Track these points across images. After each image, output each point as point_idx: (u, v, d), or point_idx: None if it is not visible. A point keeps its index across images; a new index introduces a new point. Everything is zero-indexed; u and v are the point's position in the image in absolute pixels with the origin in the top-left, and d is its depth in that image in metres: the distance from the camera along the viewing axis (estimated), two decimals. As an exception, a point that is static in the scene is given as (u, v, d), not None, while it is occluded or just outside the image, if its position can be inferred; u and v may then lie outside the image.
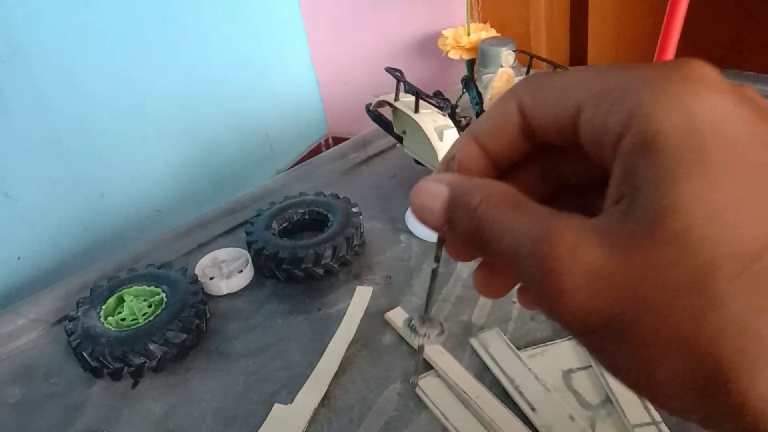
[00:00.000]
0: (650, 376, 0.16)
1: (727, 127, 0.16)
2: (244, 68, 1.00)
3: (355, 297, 0.49)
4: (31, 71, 0.66)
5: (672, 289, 0.15)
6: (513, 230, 0.18)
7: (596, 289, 0.16)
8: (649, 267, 0.15)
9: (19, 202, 0.67)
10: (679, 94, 0.16)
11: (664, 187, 0.15)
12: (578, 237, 0.16)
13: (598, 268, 0.16)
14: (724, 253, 0.15)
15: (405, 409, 0.39)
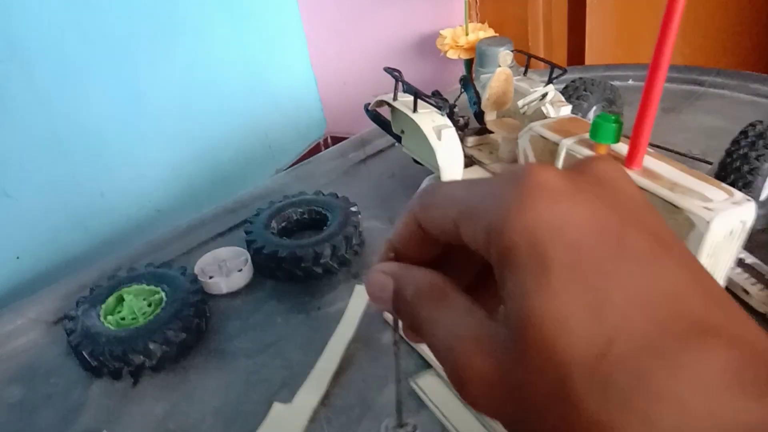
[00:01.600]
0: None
1: (565, 232, 0.17)
2: (243, 68, 1.00)
3: (354, 296, 0.49)
4: (31, 71, 0.66)
5: (541, 395, 0.16)
6: (435, 329, 0.20)
7: (491, 395, 0.18)
8: (523, 375, 0.17)
9: (19, 202, 0.67)
10: (522, 209, 0.18)
11: (519, 301, 0.17)
12: (475, 347, 0.18)
13: (489, 378, 0.18)
14: (572, 359, 0.16)
15: (405, 409, 0.40)
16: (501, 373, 0.18)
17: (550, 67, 0.56)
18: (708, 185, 0.35)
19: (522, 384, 0.17)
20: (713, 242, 0.34)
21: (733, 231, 0.34)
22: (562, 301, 0.16)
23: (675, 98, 0.78)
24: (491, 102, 0.59)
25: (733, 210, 0.33)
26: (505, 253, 0.18)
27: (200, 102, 0.91)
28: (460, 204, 0.20)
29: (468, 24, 1.00)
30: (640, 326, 0.16)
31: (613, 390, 0.16)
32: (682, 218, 0.34)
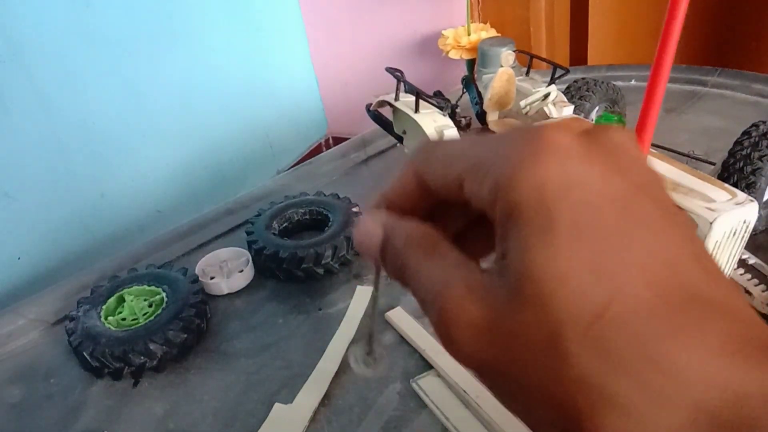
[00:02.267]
0: (527, 418, 0.18)
1: (573, 192, 0.17)
2: (244, 69, 1.00)
3: (356, 297, 0.49)
4: (31, 71, 0.66)
5: (532, 347, 0.17)
6: (424, 277, 0.20)
7: (478, 341, 0.18)
8: (515, 326, 0.17)
9: (19, 202, 0.67)
10: (532, 166, 0.18)
11: (521, 255, 0.17)
12: (467, 293, 0.19)
13: (479, 323, 0.18)
14: (568, 317, 0.16)
15: (405, 409, 0.39)
16: (492, 319, 0.18)
17: (552, 68, 0.56)
18: (711, 185, 0.35)
19: (513, 334, 0.17)
20: (715, 242, 0.34)
21: (735, 231, 0.34)
22: (565, 259, 0.17)
23: (677, 98, 0.78)
24: (493, 102, 0.59)
25: (735, 210, 0.34)
26: (512, 208, 0.18)
27: (201, 102, 0.91)
28: (467, 159, 0.20)
29: (470, 24, 1.00)
30: (640, 291, 0.16)
31: (606, 351, 0.16)
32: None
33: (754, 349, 0.16)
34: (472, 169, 0.20)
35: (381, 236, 0.23)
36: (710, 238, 0.33)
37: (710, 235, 0.33)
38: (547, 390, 0.17)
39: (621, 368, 0.16)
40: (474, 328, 0.18)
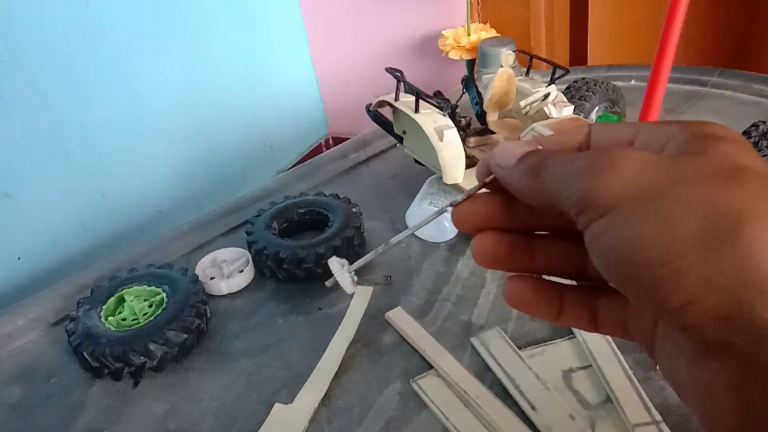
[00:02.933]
0: (669, 232, 0.19)
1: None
2: (244, 68, 1.00)
3: (355, 297, 0.49)
4: (31, 71, 0.66)
5: (706, 174, 0.19)
6: (572, 159, 0.21)
7: (642, 168, 0.20)
8: (688, 163, 0.19)
9: (19, 202, 0.67)
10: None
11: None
12: (631, 149, 0.21)
13: (646, 159, 0.20)
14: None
15: (405, 409, 0.40)
16: (660, 159, 0.20)
17: (552, 68, 0.56)
18: None
19: (684, 168, 0.19)
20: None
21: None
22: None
23: (677, 99, 0.78)
24: (493, 102, 0.59)
25: None
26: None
27: (201, 102, 0.91)
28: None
29: (470, 24, 1.00)
30: None
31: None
32: None
33: None
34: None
35: (528, 148, 0.23)
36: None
37: None
38: (712, 200, 0.18)
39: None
40: (639, 161, 0.20)
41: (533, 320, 0.46)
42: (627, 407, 0.37)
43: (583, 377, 0.40)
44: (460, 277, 0.51)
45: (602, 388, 0.39)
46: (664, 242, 0.19)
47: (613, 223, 0.20)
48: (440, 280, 0.51)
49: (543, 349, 0.43)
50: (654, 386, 0.38)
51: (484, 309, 0.47)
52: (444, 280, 0.51)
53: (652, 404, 0.37)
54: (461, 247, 0.55)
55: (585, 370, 0.40)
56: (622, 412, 0.37)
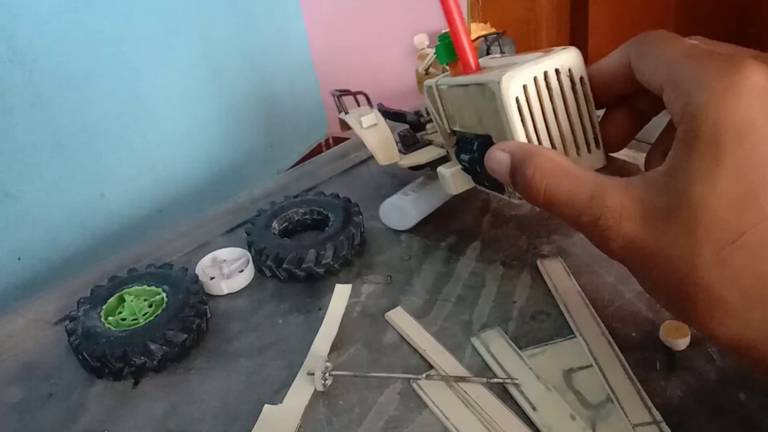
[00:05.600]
0: (652, 294, 0.25)
1: (749, 136, 0.20)
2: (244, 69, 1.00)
3: (335, 295, 0.49)
4: (31, 71, 0.66)
5: (675, 254, 0.22)
6: (566, 196, 0.25)
7: (630, 248, 0.23)
8: (666, 237, 0.22)
9: (19, 202, 0.67)
10: (719, 103, 0.20)
11: (688, 181, 0.21)
12: (622, 209, 0.23)
13: (633, 237, 0.23)
14: (706, 240, 0.21)
15: (405, 409, 0.39)
16: (645, 233, 0.23)
17: (484, 38, 0.58)
18: (536, 54, 0.33)
19: (663, 243, 0.22)
20: (521, 100, 0.30)
21: (549, 85, 0.31)
22: (720, 194, 0.20)
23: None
24: (420, 84, 0.60)
25: (531, 65, 0.30)
26: (692, 137, 0.21)
27: (201, 102, 0.91)
28: (672, 70, 0.23)
29: (470, 24, 1.00)
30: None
31: (726, 267, 0.20)
32: (488, 92, 0.32)
33: None
34: (672, 83, 0.23)
35: (508, 164, 0.27)
36: (506, 99, 0.30)
37: (503, 95, 0.30)
38: (676, 287, 0.22)
39: (734, 281, 0.20)
40: (627, 242, 0.23)
41: (534, 320, 0.46)
42: (627, 407, 0.37)
43: (583, 377, 0.40)
44: (460, 277, 0.51)
45: (603, 388, 0.39)
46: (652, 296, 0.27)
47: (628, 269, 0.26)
48: (440, 280, 0.51)
49: (543, 349, 0.43)
50: (654, 386, 0.38)
51: (484, 309, 0.47)
52: (444, 280, 0.51)
53: (652, 404, 0.37)
54: (461, 247, 0.55)
55: (585, 370, 0.40)
56: (622, 412, 0.37)
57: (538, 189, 0.26)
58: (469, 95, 0.36)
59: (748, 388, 0.37)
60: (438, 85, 0.42)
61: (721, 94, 0.20)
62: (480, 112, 0.35)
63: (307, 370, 0.43)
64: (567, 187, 0.25)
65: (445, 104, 0.43)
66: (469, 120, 0.38)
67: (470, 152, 0.39)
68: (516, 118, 0.31)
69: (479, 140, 0.37)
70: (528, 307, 0.47)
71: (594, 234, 0.24)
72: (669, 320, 0.42)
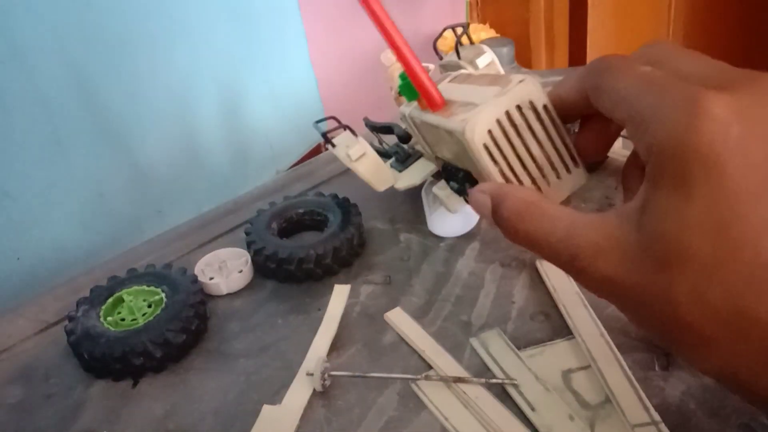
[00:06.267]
0: (640, 329, 0.27)
1: (713, 170, 0.20)
2: (244, 69, 1.00)
3: (334, 295, 0.49)
4: (31, 71, 0.66)
5: (653, 293, 0.22)
6: (543, 238, 0.25)
7: (608, 288, 0.23)
8: (641, 277, 0.22)
9: (18, 202, 0.67)
10: (682, 139, 0.20)
11: (659, 220, 0.21)
12: (596, 247, 0.23)
13: (609, 276, 0.23)
14: (682, 278, 0.21)
15: (405, 409, 0.40)
16: (621, 273, 0.22)
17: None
18: (493, 89, 0.32)
19: (638, 284, 0.22)
20: (489, 144, 0.30)
21: (513, 122, 0.30)
22: (692, 233, 0.20)
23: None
24: (397, 97, 0.60)
25: (491, 107, 0.30)
26: (657, 173, 0.21)
27: (200, 102, 0.91)
28: (631, 107, 0.23)
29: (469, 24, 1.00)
30: (745, 257, 0.20)
31: (704, 302, 0.20)
32: (456, 138, 0.32)
33: None
34: (634, 121, 0.22)
35: (490, 207, 0.28)
36: (474, 144, 0.30)
37: (472, 142, 0.30)
38: (659, 325, 0.22)
39: (714, 317, 0.20)
40: (605, 280, 0.23)
41: (533, 320, 0.46)
42: (626, 408, 0.37)
43: (582, 378, 0.40)
44: (459, 277, 0.51)
45: (602, 388, 0.39)
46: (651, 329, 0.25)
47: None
48: (440, 280, 0.51)
49: (542, 349, 0.43)
50: (653, 386, 0.38)
51: (484, 309, 0.47)
52: (444, 280, 0.51)
53: (651, 404, 0.37)
54: (461, 247, 0.55)
55: (584, 371, 0.40)
56: (621, 412, 0.37)
57: (516, 231, 0.26)
58: (441, 134, 0.36)
59: (747, 389, 0.38)
60: (412, 116, 0.41)
61: (683, 131, 0.20)
62: (455, 151, 0.35)
63: (306, 370, 0.43)
64: (542, 229, 0.25)
65: (423, 134, 0.42)
66: (447, 154, 0.38)
67: (457, 181, 0.39)
68: (487, 161, 0.30)
69: (463, 173, 0.37)
70: (527, 308, 0.47)
71: (572, 273, 0.24)
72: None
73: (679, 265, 0.20)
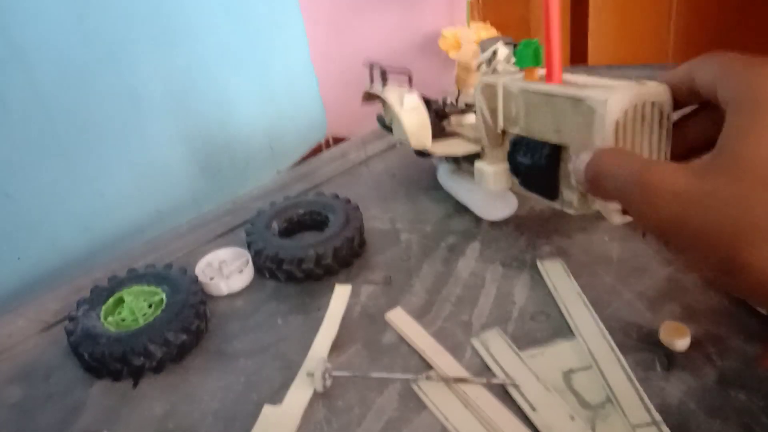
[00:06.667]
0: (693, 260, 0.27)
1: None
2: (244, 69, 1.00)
3: (335, 295, 0.49)
4: (31, 71, 0.66)
5: (724, 204, 0.24)
6: (623, 169, 0.29)
7: (677, 204, 0.26)
8: (715, 187, 0.25)
9: (19, 203, 0.67)
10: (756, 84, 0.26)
11: (738, 138, 0.25)
12: (672, 168, 0.27)
13: (681, 189, 0.26)
14: (756, 183, 0.24)
15: (405, 409, 0.39)
16: (694, 184, 0.25)
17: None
18: (623, 82, 0.35)
19: (710, 194, 0.25)
20: (620, 123, 0.33)
21: (644, 115, 0.33)
22: (765, 147, 0.24)
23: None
24: (460, 84, 0.61)
25: (633, 90, 0.33)
26: (735, 110, 0.26)
27: (201, 102, 0.91)
28: (722, 68, 0.29)
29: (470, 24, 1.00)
30: None
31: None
32: (585, 108, 0.34)
33: None
34: (721, 80, 0.28)
35: (587, 159, 0.31)
36: (607, 117, 0.32)
37: (606, 113, 0.32)
38: (730, 229, 0.24)
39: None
40: (676, 194, 0.26)
41: (534, 320, 0.46)
42: (627, 408, 0.37)
43: (583, 378, 0.40)
44: (460, 277, 0.51)
45: (602, 388, 0.39)
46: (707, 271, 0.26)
47: (667, 248, 0.29)
48: (440, 280, 0.51)
49: (543, 349, 0.43)
50: (654, 387, 0.38)
51: (484, 309, 0.47)
52: (444, 280, 0.51)
53: (652, 405, 0.37)
54: (461, 247, 0.55)
55: (585, 371, 0.40)
56: (622, 412, 0.37)
57: (598, 168, 0.31)
58: (552, 105, 0.38)
59: (748, 389, 0.37)
60: (507, 85, 0.43)
61: (755, 79, 0.26)
62: (561, 123, 0.37)
63: (306, 370, 0.43)
64: (626, 163, 0.29)
65: (507, 105, 0.43)
66: (541, 127, 0.40)
67: (534, 157, 0.41)
68: (612, 139, 0.33)
69: (550, 148, 0.39)
70: (528, 308, 0.47)
71: (641, 196, 0.27)
72: (668, 321, 0.42)
73: (756, 174, 0.24)
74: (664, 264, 0.50)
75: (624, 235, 0.54)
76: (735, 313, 0.44)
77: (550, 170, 0.40)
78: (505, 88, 0.43)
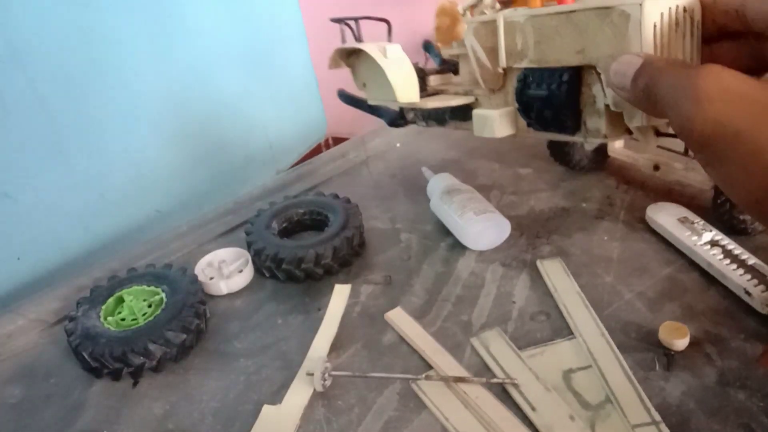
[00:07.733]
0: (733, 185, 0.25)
1: None
2: (244, 69, 1.00)
3: (335, 295, 0.49)
4: (30, 71, 0.66)
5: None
6: (678, 74, 0.26)
7: (727, 103, 0.23)
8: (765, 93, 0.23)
9: (19, 202, 0.67)
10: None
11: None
12: (724, 69, 0.24)
13: (733, 88, 0.24)
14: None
15: (405, 409, 0.39)
16: (747, 87, 0.24)
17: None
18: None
19: (760, 101, 0.23)
20: (658, 29, 0.32)
21: (677, 21, 0.32)
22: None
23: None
24: (442, 36, 0.58)
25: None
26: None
27: (201, 102, 0.91)
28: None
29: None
30: None
31: None
32: (616, 16, 0.32)
33: None
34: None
35: (641, 62, 0.29)
36: (645, 21, 0.31)
37: (644, 17, 0.31)
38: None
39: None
40: (725, 92, 0.24)
41: (533, 320, 0.46)
42: (627, 408, 0.37)
43: (583, 378, 0.40)
44: (460, 277, 0.51)
45: (602, 388, 0.39)
46: (745, 192, 0.24)
47: (706, 162, 0.25)
48: (440, 280, 0.51)
49: (543, 349, 0.43)
50: (654, 386, 0.38)
51: (484, 309, 0.47)
52: (444, 280, 0.51)
53: (651, 405, 0.37)
54: (461, 247, 0.55)
55: (585, 371, 0.40)
56: (621, 412, 0.37)
57: (658, 78, 0.28)
58: (572, 23, 0.35)
59: (748, 389, 0.37)
60: (508, 17, 0.40)
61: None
62: (585, 41, 0.35)
63: (306, 370, 0.43)
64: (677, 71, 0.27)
65: (511, 39, 0.40)
66: (559, 52, 0.37)
67: (551, 86, 0.38)
68: (651, 42, 0.31)
69: (569, 73, 0.36)
70: (527, 308, 0.47)
71: (689, 91, 0.25)
72: (668, 321, 0.42)
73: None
74: (664, 264, 0.50)
75: (624, 235, 0.54)
76: (735, 313, 0.44)
77: (570, 97, 0.37)
78: (506, 20, 0.40)
